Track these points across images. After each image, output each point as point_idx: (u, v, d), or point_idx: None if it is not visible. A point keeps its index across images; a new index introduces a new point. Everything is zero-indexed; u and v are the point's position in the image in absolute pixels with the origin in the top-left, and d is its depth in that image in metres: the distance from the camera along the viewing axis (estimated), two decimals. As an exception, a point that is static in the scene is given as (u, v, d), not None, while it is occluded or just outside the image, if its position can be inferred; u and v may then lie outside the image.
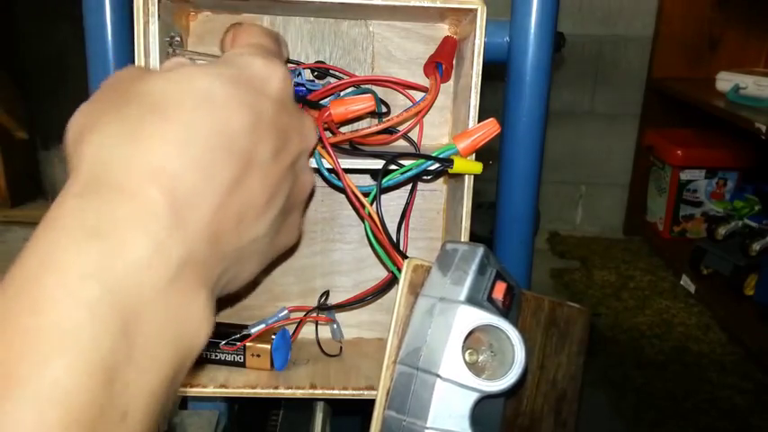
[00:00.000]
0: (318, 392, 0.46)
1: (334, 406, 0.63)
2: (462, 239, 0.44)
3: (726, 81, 1.72)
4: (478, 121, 0.43)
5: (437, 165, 0.41)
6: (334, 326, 0.52)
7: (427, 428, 0.32)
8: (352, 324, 0.53)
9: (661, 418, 1.30)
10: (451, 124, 0.49)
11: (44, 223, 0.25)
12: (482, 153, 0.43)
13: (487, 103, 0.49)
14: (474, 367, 0.33)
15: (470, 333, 0.33)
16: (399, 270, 0.41)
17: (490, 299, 0.34)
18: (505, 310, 0.35)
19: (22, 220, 2.03)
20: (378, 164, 0.42)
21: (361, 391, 0.45)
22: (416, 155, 0.42)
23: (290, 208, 0.35)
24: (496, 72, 0.51)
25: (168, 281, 0.25)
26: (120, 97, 0.28)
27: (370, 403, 0.41)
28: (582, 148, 2.18)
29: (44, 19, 2.03)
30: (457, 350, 0.32)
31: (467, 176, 0.43)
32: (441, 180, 0.51)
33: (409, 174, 0.42)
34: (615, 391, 1.38)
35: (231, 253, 0.29)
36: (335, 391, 0.46)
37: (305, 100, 0.44)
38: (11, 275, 0.23)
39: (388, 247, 0.43)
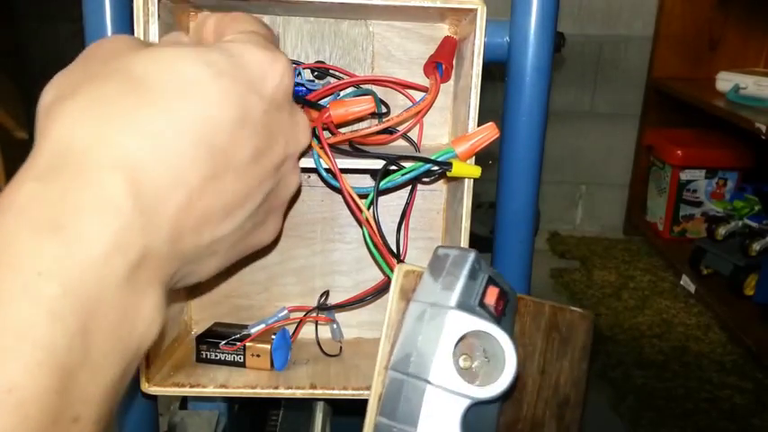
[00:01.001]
0: (318, 392, 0.46)
1: (334, 406, 0.63)
2: (462, 240, 0.44)
3: (726, 81, 1.72)
4: (478, 122, 0.43)
5: (436, 168, 0.41)
6: (334, 326, 0.52)
7: None
8: (352, 324, 0.53)
9: (661, 418, 1.30)
10: (451, 124, 0.49)
11: (6, 205, 0.23)
12: (482, 154, 0.43)
13: (487, 103, 0.49)
14: (468, 373, 0.33)
15: (463, 338, 0.32)
16: None
17: (482, 304, 0.34)
18: (498, 316, 0.34)
19: (22, 220, 2.03)
20: (377, 164, 0.42)
21: (361, 391, 0.45)
22: (415, 157, 0.42)
23: (270, 209, 0.33)
24: (496, 72, 0.51)
25: (124, 278, 0.24)
26: (100, 70, 0.26)
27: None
28: (582, 148, 2.18)
29: (44, 19, 2.03)
30: (447, 356, 0.32)
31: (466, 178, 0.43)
32: (441, 180, 0.51)
33: (408, 176, 0.42)
34: (615, 391, 1.38)
35: (190, 252, 0.28)
36: (335, 391, 0.45)
37: (304, 100, 0.44)
38: None
39: (384, 252, 0.43)
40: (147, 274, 0.25)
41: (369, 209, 0.42)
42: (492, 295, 0.34)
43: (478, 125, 0.43)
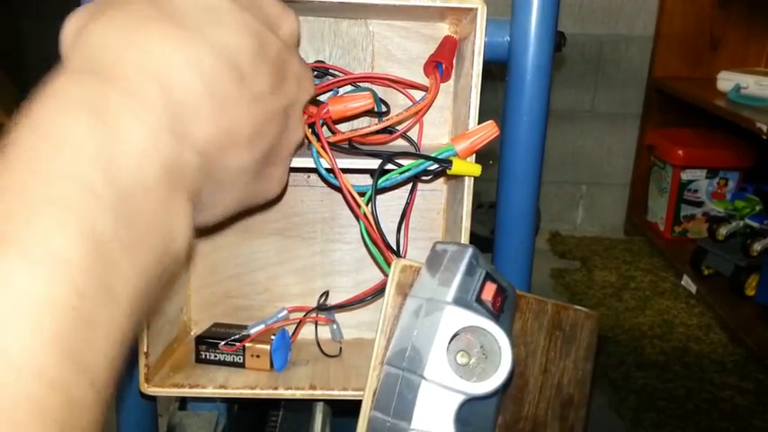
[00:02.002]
0: (318, 393, 0.45)
1: (334, 407, 0.63)
2: (462, 240, 0.44)
3: (727, 81, 1.72)
4: (478, 121, 0.43)
5: (435, 165, 0.41)
6: (334, 326, 0.52)
7: (411, 430, 0.32)
8: (352, 324, 0.53)
9: (662, 418, 1.30)
10: (451, 124, 0.49)
11: (44, 94, 0.24)
12: (482, 153, 0.43)
13: (487, 103, 0.48)
14: (465, 369, 0.33)
15: (460, 334, 0.32)
16: None
17: (479, 300, 0.33)
18: (496, 312, 0.34)
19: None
20: (377, 163, 0.42)
21: (361, 392, 0.45)
22: (415, 155, 0.42)
23: (275, 156, 0.34)
24: (497, 72, 0.51)
25: (159, 176, 0.25)
26: None
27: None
28: (582, 148, 2.18)
29: (44, 19, 2.03)
30: (442, 351, 0.32)
31: (467, 177, 0.43)
32: (441, 180, 0.51)
33: (408, 174, 0.41)
34: (616, 391, 1.38)
35: (214, 174, 0.29)
36: (335, 392, 0.45)
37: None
38: (11, 143, 0.23)
39: (383, 247, 0.42)
40: (179, 181, 0.26)
41: (367, 205, 0.42)
42: (489, 291, 0.34)
43: (479, 124, 0.43)
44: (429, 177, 0.49)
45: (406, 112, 0.44)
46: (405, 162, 0.42)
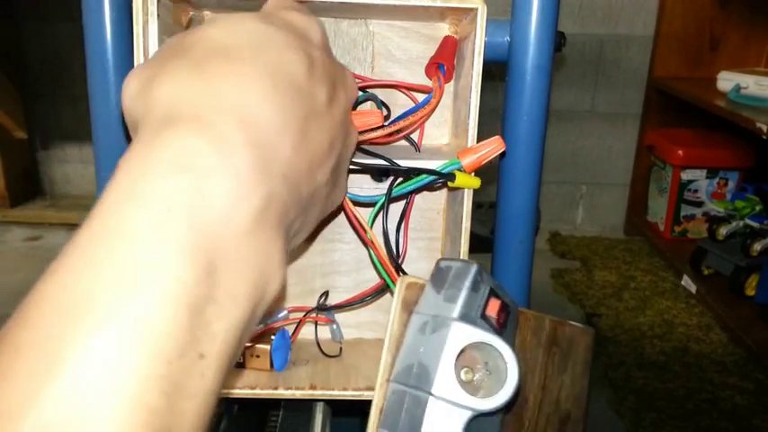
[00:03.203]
0: (318, 393, 0.45)
1: (334, 407, 0.63)
2: (462, 240, 0.44)
3: (727, 81, 1.72)
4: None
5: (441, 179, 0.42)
6: (334, 326, 0.52)
7: None
8: (352, 324, 0.53)
9: (662, 418, 1.30)
10: (451, 124, 0.49)
11: (127, 157, 0.24)
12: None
13: (487, 103, 0.48)
14: (470, 386, 0.32)
15: (464, 351, 0.32)
16: None
17: (484, 316, 0.33)
18: (500, 328, 0.34)
19: (20, 220, 2.03)
20: (376, 162, 0.42)
21: (361, 392, 0.45)
22: (421, 170, 0.42)
23: (340, 162, 0.34)
24: (497, 72, 0.51)
25: (252, 220, 0.24)
26: (179, 48, 0.28)
27: (369, 404, 0.41)
28: (582, 148, 2.18)
29: (44, 19, 2.03)
30: (449, 368, 0.31)
31: (467, 176, 0.43)
32: (441, 180, 0.51)
33: (411, 188, 0.42)
34: (616, 391, 1.38)
35: (304, 198, 0.29)
36: (335, 392, 0.45)
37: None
38: (97, 208, 0.23)
39: (391, 271, 0.42)
40: (272, 219, 0.26)
41: (371, 227, 0.42)
42: (494, 308, 0.34)
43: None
44: (431, 189, 0.49)
45: (412, 117, 0.44)
46: (410, 165, 0.42)
